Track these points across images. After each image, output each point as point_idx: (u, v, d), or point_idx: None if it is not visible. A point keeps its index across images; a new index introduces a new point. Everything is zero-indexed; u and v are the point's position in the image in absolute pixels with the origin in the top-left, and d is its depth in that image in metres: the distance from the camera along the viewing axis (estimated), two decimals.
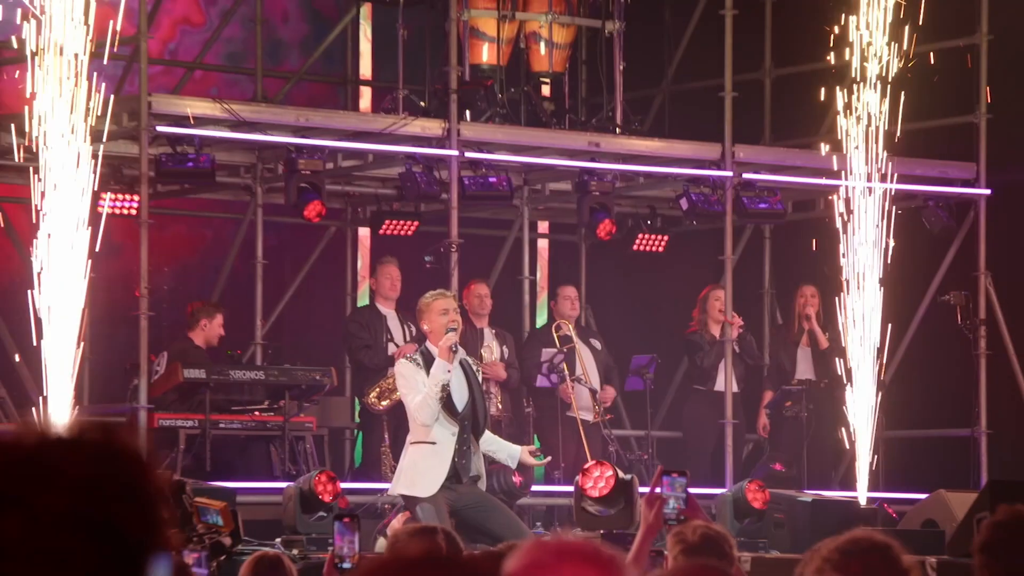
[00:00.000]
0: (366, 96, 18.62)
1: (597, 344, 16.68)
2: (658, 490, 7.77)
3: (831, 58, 15.26)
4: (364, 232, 17.84)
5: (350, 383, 16.47)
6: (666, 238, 17.16)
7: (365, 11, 18.21)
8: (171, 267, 17.52)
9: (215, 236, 17.87)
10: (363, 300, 17.23)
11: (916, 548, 9.45)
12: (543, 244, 19.10)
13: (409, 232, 16.44)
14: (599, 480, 11.47)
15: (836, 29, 15.20)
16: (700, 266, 16.94)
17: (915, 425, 16.84)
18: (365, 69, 18.65)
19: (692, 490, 14.56)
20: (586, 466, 12.13)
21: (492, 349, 15.96)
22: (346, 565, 7.53)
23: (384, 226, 16.64)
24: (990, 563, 5.51)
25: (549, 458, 14.19)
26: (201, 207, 17.73)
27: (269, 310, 16.84)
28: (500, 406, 15.99)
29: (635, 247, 17.25)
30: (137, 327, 14.84)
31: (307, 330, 17.34)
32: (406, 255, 16.40)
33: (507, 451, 13.01)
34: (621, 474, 11.73)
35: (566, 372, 16.19)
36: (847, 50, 15.09)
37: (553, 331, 16.42)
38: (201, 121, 15.26)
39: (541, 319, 17.91)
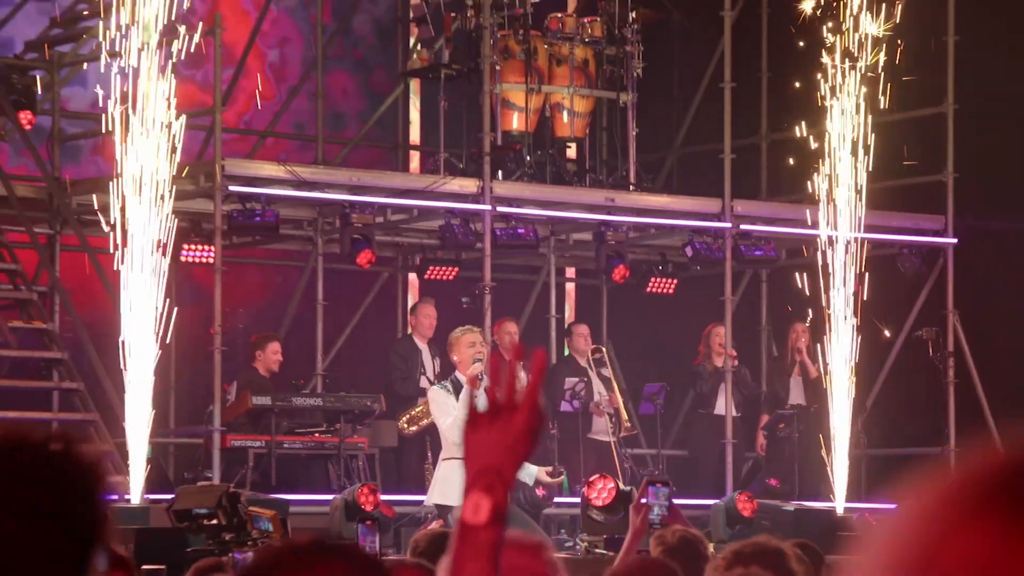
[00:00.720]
0: (415, 158, 18.65)
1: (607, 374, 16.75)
2: (644, 500, 7.81)
3: (801, 127, 15.29)
4: (412, 277, 17.81)
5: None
6: (675, 282, 17.19)
7: (414, 86, 18.27)
8: (246, 308, 17.65)
9: (283, 281, 17.88)
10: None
11: None
12: (570, 286, 19.06)
13: (450, 277, 16.47)
14: (602, 491, 11.43)
15: (819, 99, 15.18)
16: (704, 306, 16.84)
17: (894, 444, 16.73)
18: (415, 135, 18.69)
19: (697, 501, 14.67)
20: (591, 479, 12.08)
21: (520, 378, 15.82)
22: None
23: (428, 271, 16.65)
24: None
25: (563, 474, 14.12)
26: (270, 256, 17.81)
27: (329, 346, 16.86)
28: None
29: (648, 289, 17.26)
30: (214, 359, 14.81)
31: (362, 363, 17.23)
32: (447, 296, 16.41)
33: (527, 471, 12.95)
34: (622, 486, 11.68)
35: (595, 392, 16.28)
36: (828, 119, 15.05)
37: (590, 354, 16.45)
38: (268, 181, 15.28)
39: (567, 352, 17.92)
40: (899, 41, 15.79)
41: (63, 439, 2.09)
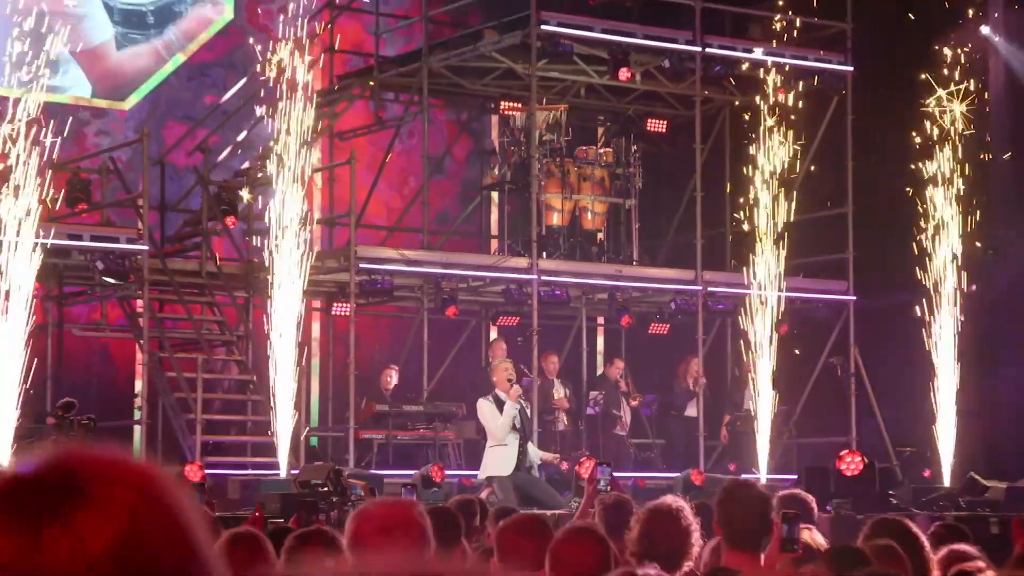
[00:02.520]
0: (494, 243, 18.40)
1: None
2: (597, 474, 8.07)
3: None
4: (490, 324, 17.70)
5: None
6: (667, 326, 16.94)
7: (493, 194, 18.19)
8: (380, 345, 17.52)
9: (405, 327, 17.57)
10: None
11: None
12: (600, 329, 18.71)
13: (514, 323, 16.33)
14: (586, 468, 11.47)
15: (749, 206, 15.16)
16: (687, 343, 16.69)
17: (814, 435, 16.54)
18: (494, 227, 18.47)
19: (669, 474, 14.50)
20: (582, 460, 12.14)
21: (559, 391, 16.00)
22: None
23: (499, 320, 16.59)
24: (720, 515, 5.07)
25: (558, 456, 14.17)
26: (391, 310, 17.55)
27: (433, 371, 16.57)
28: (566, 423, 16.01)
29: (649, 331, 17.01)
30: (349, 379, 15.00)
31: (454, 382, 17.16)
32: (512, 335, 16.34)
33: (535, 454, 13.22)
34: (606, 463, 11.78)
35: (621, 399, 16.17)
36: (756, 218, 15.07)
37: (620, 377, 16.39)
38: (387, 260, 15.40)
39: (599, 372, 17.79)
40: (812, 166, 15.93)
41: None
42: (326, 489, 10.02)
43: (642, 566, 4.71)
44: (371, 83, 17.01)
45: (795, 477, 13.53)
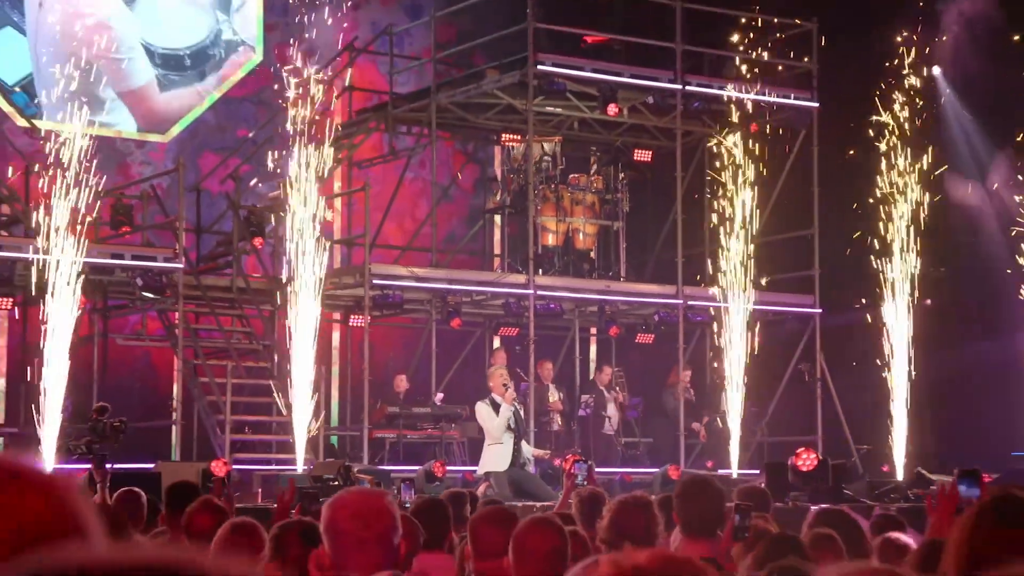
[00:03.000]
0: (496, 261, 18.39)
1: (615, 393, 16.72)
2: (574, 469, 8.03)
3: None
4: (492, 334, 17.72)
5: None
6: (652, 336, 16.92)
7: (496, 217, 18.19)
8: (393, 354, 17.58)
9: (416, 336, 17.67)
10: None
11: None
12: (593, 338, 18.61)
13: (513, 333, 16.27)
14: (570, 463, 11.42)
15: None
16: (670, 350, 16.71)
17: (783, 434, 16.52)
18: (497, 247, 18.43)
19: (650, 469, 14.45)
20: (568, 456, 12.11)
21: (553, 395, 16.00)
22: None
23: (500, 331, 16.57)
24: (678, 507, 5.12)
25: (548, 452, 14.19)
26: (402, 321, 17.58)
27: (441, 377, 16.57)
28: (560, 424, 15.99)
29: (636, 340, 16.98)
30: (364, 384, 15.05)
31: (460, 388, 17.04)
32: (512, 344, 16.26)
33: (528, 451, 13.22)
34: (584, 459, 11.75)
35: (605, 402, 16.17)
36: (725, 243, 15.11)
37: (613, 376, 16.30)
38: (398, 276, 15.44)
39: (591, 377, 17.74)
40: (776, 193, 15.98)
41: None
42: (336, 483, 10.02)
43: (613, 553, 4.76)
44: (386, 117, 17.11)
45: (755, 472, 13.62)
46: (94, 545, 1.18)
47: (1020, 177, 15.94)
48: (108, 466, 8.16)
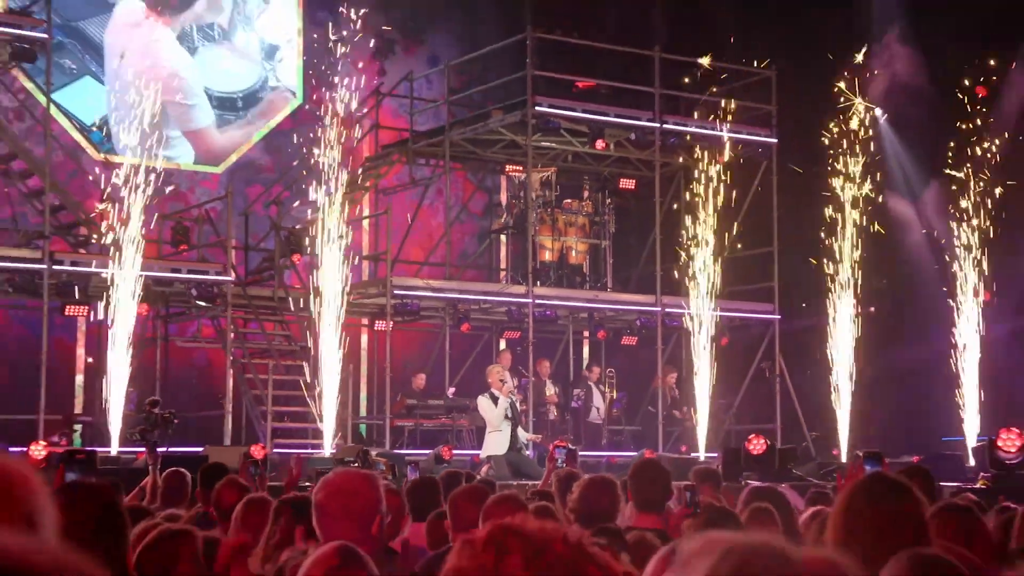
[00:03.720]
0: (502, 274, 18.44)
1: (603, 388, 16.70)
2: (555, 454, 8.04)
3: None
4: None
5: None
6: (636, 339, 16.86)
7: (501, 236, 18.23)
8: (413, 355, 17.47)
9: (433, 339, 17.55)
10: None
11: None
12: (584, 342, 18.67)
13: (516, 336, 16.24)
14: (560, 449, 11.36)
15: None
16: (651, 351, 16.59)
17: (748, 424, 16.43)
18: (503, 262, 18.53)
19: (631, 453, 14.34)
20: (556, 443, 12.05)
21: (550, 389, 16.04)
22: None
23: (504, 334, 16.56)
24: (631, 485, 5.05)
25: (539, 437, 14.10)
26: (420, 326, 17.44)
27: (454, 374, 16.46)
28: (555, 414, 15.99)
29: (622, 343, 16.97)
30: (387, 380, 14.95)
31: (471, 383, 16.80)
32: (514, 346, 16.37)
33: (524, 437, 13.20)
34: (571, 446, 11.73)
35: (595, 398, 16.11)
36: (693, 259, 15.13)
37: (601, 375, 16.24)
38: (415, 287, 15.42)
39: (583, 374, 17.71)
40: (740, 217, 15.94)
41: None
42: (355, 464, 9.95)
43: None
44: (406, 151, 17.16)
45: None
46: (39, 530, 1.09)
47: (949, 204, 15.89)
48: (160, 450, 8.22)
